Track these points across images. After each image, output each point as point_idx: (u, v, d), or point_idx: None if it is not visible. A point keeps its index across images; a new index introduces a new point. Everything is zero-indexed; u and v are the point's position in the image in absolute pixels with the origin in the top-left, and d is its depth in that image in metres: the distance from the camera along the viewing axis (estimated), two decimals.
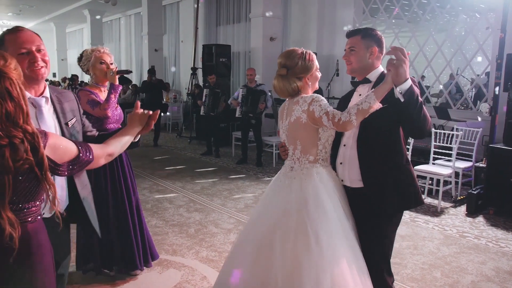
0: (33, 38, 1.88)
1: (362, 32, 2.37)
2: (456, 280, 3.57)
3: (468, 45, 8.19)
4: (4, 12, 19.05)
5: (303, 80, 2.40)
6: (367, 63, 2.36)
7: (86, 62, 3.36)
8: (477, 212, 5.20)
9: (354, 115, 2.15)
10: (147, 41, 13.74)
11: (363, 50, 2.35)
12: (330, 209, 2.28)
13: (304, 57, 2.39)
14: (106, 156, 1.86)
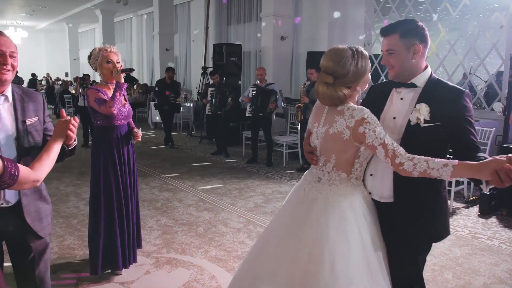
0: (10, 44, 2.02)
1: (400, 29, 2.02)
2: (468, 282, 3.52)
3: (482, 44, 8.08)
4: (17, 12, 19.29)
5: (353, 88, 2.07)
6: (411, 64, 2.04)
7: (94, 61, 3.46)
8: (490, 213, 5.13)
9: (417, 172, 1.86)
10: (158, 41, 13.79)
11: (404, 51, 2.02)
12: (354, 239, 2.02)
13: (356, 63, 2.02)
14: (31, 182, 1.85)
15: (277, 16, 9.53)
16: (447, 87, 2.07)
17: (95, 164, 3.43)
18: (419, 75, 2.08)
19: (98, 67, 3.45)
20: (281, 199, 5.68)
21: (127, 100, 3.60)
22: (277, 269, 2.12)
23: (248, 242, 4.26)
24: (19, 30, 22.77)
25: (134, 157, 3.61)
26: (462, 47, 8.72)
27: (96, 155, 3.44)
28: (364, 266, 2.00)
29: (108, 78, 3.46)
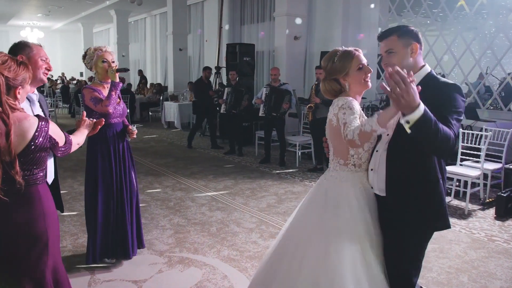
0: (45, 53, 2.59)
1: (397, 31, 2.16)
2: (484, 285, 3.46)
3: (499, 44, 7.96)
4: (34, 13, 19.54)
5: (340, 82, 2.34)
6: (409, 63, 2.15)
7: (89, 60, 3.56)
8: (507, 215, 5.04)
9: (357, 136, 2.04)
10: (172, 41, 13.85)
11: (403, 50, 2.14)
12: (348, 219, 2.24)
13: (333, 58, 2.34)
14: (76, 145, 2.38)
15: (290, 16, 9.50)
16: (439, 83, 2.11)
17: (92, 160, 3.55)
18: (417, 73, 2.15)
19: (93, 66, 3.55)
20: (294, 199, 5.65)
21: (121, 99, 3.67)
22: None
23: (261, 242, 4.25)
24: (35, 31, 23.07)
25: (129, 154, 3.71)
26: (479, 47, 8.60)
27: (92, 152, 3.55)
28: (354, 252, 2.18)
29: (103, 77, 3.55)
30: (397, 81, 1.73)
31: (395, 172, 2.17)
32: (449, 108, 1.96)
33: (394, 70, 1.74)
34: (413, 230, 2.17)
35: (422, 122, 1.77)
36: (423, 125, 1.78)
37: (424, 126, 1.79)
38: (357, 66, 2.31)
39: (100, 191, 3.53)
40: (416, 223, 2.16)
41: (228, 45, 10.86)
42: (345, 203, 2.28)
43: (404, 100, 1.73)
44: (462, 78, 8.11)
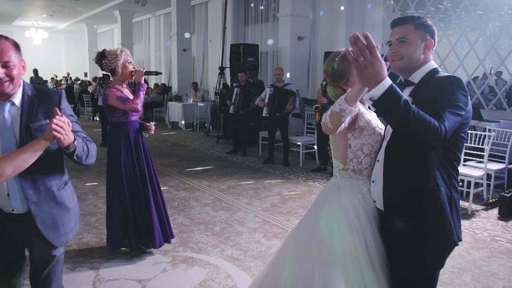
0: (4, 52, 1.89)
1: (416, 21, 1.92)
2: (486, 285, 3.47)
3: (503, 44, 7.95)
4: (38, 14, 19.65)
5: (343, 88, 2.20)
6: (419, 57, 1.93)
7: (114, 61, 3.61)
8: (510, 215, 5.04)
9: (329, 117, 1.92)
10: (176, 41, 13.89)
11: (417, 42, 1.91)
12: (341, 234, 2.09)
13: (332, 63, 2.19)
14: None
15: (294, 16, 9.52)
16: (439, 77, 1.88)
17: (115, 155, 3.73)
18: (419, 70, 1.95)
19: (119, 66, 3.68)
20: (297, 199, 5.67)
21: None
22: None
23: (264, 242, 4.27)
24: (40, 31, 23.20)
25: (147, 148, 3.92)
26: (483, 47, 8.59)
27: (114, 147, 3.74)
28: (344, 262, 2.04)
29: (126, 78, 3.76)
30: (362, 48, 1.54)
31: (392, 181, 1.96)
32: (444, 101, 1.75)
33: (363, 35, 1.54)
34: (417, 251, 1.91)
35: (387, 99, 1.57)
36: (389, 103, 1.58)
37: (390, 105, 1.58)
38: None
39: (125, 184, 3.73)
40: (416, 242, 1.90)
41: (232, 45, 10.89)
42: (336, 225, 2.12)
43: (367, 72, 1.55)
44: (466, 78, 8.11)
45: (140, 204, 3.80)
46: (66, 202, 2.19)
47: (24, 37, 22.51)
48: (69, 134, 1.85)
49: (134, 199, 3.79)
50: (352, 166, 2.18)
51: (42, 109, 2.05)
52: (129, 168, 3.75)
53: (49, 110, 2.05)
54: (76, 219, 2.28)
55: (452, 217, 1.87)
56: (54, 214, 2.13)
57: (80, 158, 2.01)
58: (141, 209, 3.80)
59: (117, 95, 3.62)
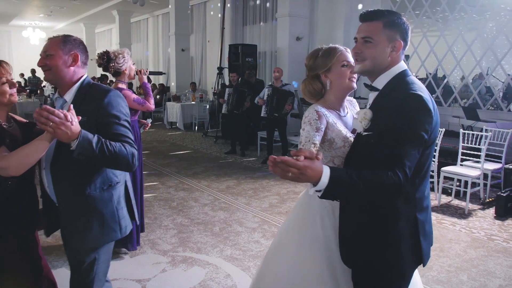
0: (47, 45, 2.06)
1: (385, 18, 1.70)
2: (483, 284, 3.51)
3: (500, 45, 7.99)
4: (36, 13, 19.61)
5: (321, 78, 2.16)
6: (385, 60, 1.72)
7: (123, 63, 3.71)
8: (506, 215, 5.08)
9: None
10: (174, 41, 13.91)
11: (383, 43, 1.70)
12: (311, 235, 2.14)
13: (316, 55, 2.18)
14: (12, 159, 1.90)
15: (293, 17, 9.55)
16: (403, 93, 1.65)
17: None
18: (384, 74, 1.75)
19: (127, 68, 3.83)
20: (296, 199, 5.69)
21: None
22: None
23: (263, 241, 4.30)
24: (37, 31, 23.13)
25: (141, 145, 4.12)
26: (480, 47, 8.63)
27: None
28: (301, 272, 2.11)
29: (130, 79, 3.94)
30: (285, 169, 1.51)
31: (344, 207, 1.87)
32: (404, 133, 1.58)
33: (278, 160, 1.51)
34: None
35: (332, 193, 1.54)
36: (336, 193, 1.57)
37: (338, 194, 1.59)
38: (341, 62, 2.11)
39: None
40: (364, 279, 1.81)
41: (231, 45, 10.91)
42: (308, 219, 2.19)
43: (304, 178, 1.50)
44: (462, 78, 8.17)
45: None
46: (99, 206, 2.07)
47: (22, 37, 22.47)
48: (65, 127, 1.76)
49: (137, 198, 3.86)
50: None
51: (85, 107, 2.00)
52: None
53: (91, 106, 2.00)
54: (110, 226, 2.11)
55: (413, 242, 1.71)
56: (79, 215, 2.05)
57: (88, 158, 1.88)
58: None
59: (133, 97, 3.81)
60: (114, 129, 2.01)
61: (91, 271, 2.14)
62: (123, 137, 2.03)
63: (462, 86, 8.56)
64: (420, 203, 1.72)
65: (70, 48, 2.05)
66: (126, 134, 2.05)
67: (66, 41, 2.05)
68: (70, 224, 2.07)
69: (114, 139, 1.97)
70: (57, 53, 2.02)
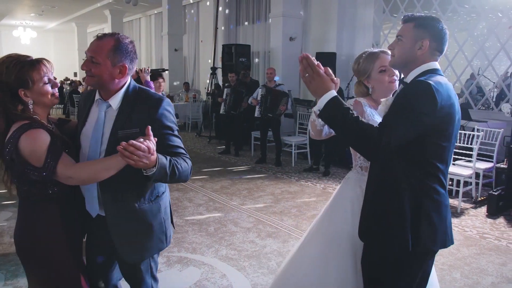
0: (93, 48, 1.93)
1: (418, 20, 1.90)
2: (476, 281, 3.56)
3: (490, 45, 8.08)
4: (27, 13, 19.47)
5: (365, 84, 2.36)
6: (411, 57, 1.89)
7: None
8: (498, 213, 5.15)
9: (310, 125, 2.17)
10: (167, 41, 13.89)
11: (411, 41, 1.88)
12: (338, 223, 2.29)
13: (359, 60, 2.35)
14: (65, 177, 1.83)
15: (286, 17, 9.58)
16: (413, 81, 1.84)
17: None
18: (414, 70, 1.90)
19: None
20: (290, 199, 5.73)
21: None
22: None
23: (258, 241, 4.32)
24: (28, 30, 22.97)
25: None
26: (471, 48, 8.72)
27: None
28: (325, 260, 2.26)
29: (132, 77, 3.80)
30: (305, 66, 1.79)
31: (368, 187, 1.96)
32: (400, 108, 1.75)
33: (304, 55, 1.79)
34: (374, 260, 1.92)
35: (329, 110, 1.76)
36: (330, 114, 1.77)
37: (331, 115, 1.78)
38: (379, 68, 2.27)
39: None
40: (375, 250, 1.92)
41: (224, 45, 10.91)
42: (339, 206, 2.33)
43: (313, 85, 1.78)
44: (454, 78, 8.23)
45: None
46: (149, 219, 2.01)
47: (12, 36, 22.33)
48: (147, 159, 1.70)
49: None
50: (360, 163, 2.32)
51: (136, 116, 1.91)
52: None
53: (144, 118, 1.90)
54: (159, 237, 2.08)
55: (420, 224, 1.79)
56: (130, 228, 1.99)
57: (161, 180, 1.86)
58: None
59: None
60: (170, 141, 1.96)
61: (143, 282, 2.14)
62: (178, 148, 1.99)
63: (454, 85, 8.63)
64: (429, 192, 1.80)
65: (120, 58, 1.89)
66: (180, 145, 2.02)
67: (117, 49, 1.89)
68: (119, 237, 2.00)
69: (170, 151, 1.93)
70: (104, 63, 1.87)
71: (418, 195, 1.78)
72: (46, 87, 1.92)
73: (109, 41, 1.89)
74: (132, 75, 3.79)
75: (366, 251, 1.94)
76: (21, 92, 1.87)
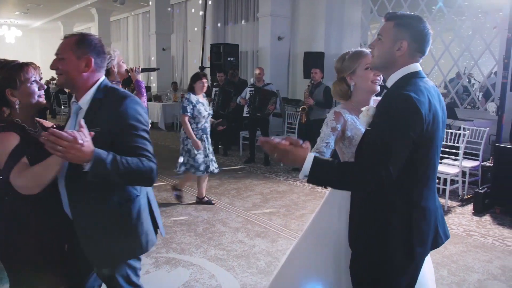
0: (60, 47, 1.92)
1: (398, 19, 1.78)
2: (462, 279, 3.60)
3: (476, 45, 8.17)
4: (11, 11, 19.21)
5: (347, 80, 2.28)
6: (391, 58, 1.78)
7: (110, 61, 3.63)
8: (484, 211, 5.21)
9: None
10: (155, 40, 13.81)
11: (390, 42, 1.77)
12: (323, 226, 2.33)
13: (344, 58, 2.32)
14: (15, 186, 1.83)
15: (274, 16, 9.59)
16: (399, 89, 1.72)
17: None
18: (395, 73, 1.80)
19: (115, 66, 3.67)
20: (279, 199, 5.74)
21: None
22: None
23: (247, 241, 4.32)
24: (13, 29, 22.67)
25: None
26: (457, 48, 8.80)
27: None
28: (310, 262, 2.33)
29: (122, 77, 3.75)
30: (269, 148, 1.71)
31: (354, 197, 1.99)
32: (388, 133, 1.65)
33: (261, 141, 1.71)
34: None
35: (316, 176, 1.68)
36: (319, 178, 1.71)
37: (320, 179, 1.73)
38: (365, 65, 2.21)
39: None
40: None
41: (212, 45, 10.88)
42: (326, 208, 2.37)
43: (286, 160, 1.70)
44: (441, 78, 8.31)
45: None
46: (117, 222, 1.96)
47: None
48: (76, 151, 1.63)
49: None
50: None
51: (101, 115, 1.86)
52: None
53: (107, 117, 1.84)
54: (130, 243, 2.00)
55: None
56: (96, 232, 1.94)
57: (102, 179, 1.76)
58: None
59: None
60: (131, 141, 1.86)
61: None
62: (140, 149, 1.88)
63: (440, 86, 8.72)
64: (417, 201, 1.77)
65: (84, 51, 1.86)
66: (143, 146, 1.90)
67: (80, 42, 1.87)
68: (86, 239, 1.95)
69: (131, 152, 1.84)
70: (69, 57, 1.85)
71: (408, 209, 1.76)
72: (33, 88, 1.96)
73: (73, 37, 1.90)
74: (123, 74, 3.77)
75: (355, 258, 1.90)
76: (8, 92, 1.91)
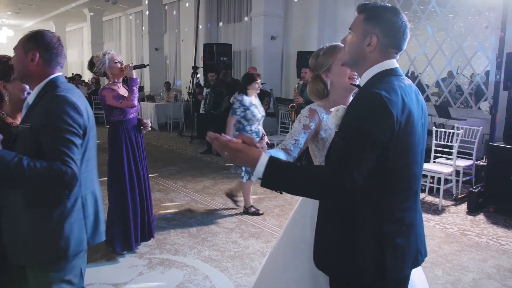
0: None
1: (369, 11, 1.60)
2: (457, 278, 3.59)
3: (469, 44, 8.20)
4: (3, 11, 19.05)
5: (323, 78, 2.12)
6: (361, 54, 1.61)
7: (101, 65, 3.76)
8: (478, 210, 5.22)
9: None
10: (147, 40, 13.75)
11: (359, 37, 1.60)
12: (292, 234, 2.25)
13: (318, 54, 2.16)
14: None
15: (267, 16, 9.57)
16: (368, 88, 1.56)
17: (115, 152, 3.82)
18: (366, 72, 1.63)
19: (107, 69, 3.79)
20: (273, 199, 5.71)
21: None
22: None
23: (241, 242, 4.29)
24: (4, 29, 22.46)
25: (143, 145, 4.07)
26: (450, 47, 8.83)
27: (114, 145, 3.82)
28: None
29: (117, 77, 3.85)
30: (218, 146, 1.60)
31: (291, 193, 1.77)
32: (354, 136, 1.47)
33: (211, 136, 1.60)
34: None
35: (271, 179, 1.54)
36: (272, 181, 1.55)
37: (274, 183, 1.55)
38: (341, 60, 1.93)
39: (128, 182, 3.83)
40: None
41: (205, 45, 10.85)
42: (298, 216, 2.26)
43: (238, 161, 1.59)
44: (434, 77, 8.33)
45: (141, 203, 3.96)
46: (38, 221, 1.85)
47: None
48: None
49: (136, 198, 3.90)
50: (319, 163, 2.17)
51: (34, 112, 1.85)
52: (130, 166, 3.85)
53: (38, 114, 1.82)
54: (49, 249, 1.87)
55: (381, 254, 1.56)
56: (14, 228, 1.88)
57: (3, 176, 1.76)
58: (141, 208, 3.96)
59: (113, 94, 3.73)
60: (51, 142, 1.77)
61: None
62: (58, 152, 1.76)
63: (433, 85, 8.74)
64: (389, 213, 1.57)
65: (31, 46, 1.90)
66: (62, 148, 1.77)
67: (31, 38, 1.92)
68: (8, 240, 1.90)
69: (50, 153, 1.76)
70: (18, 52, 1.94)
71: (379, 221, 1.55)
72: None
73: (28, 33, 1.97)
74: (117, 74, 3.77)
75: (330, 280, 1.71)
76: (1, 84, 2.07)
